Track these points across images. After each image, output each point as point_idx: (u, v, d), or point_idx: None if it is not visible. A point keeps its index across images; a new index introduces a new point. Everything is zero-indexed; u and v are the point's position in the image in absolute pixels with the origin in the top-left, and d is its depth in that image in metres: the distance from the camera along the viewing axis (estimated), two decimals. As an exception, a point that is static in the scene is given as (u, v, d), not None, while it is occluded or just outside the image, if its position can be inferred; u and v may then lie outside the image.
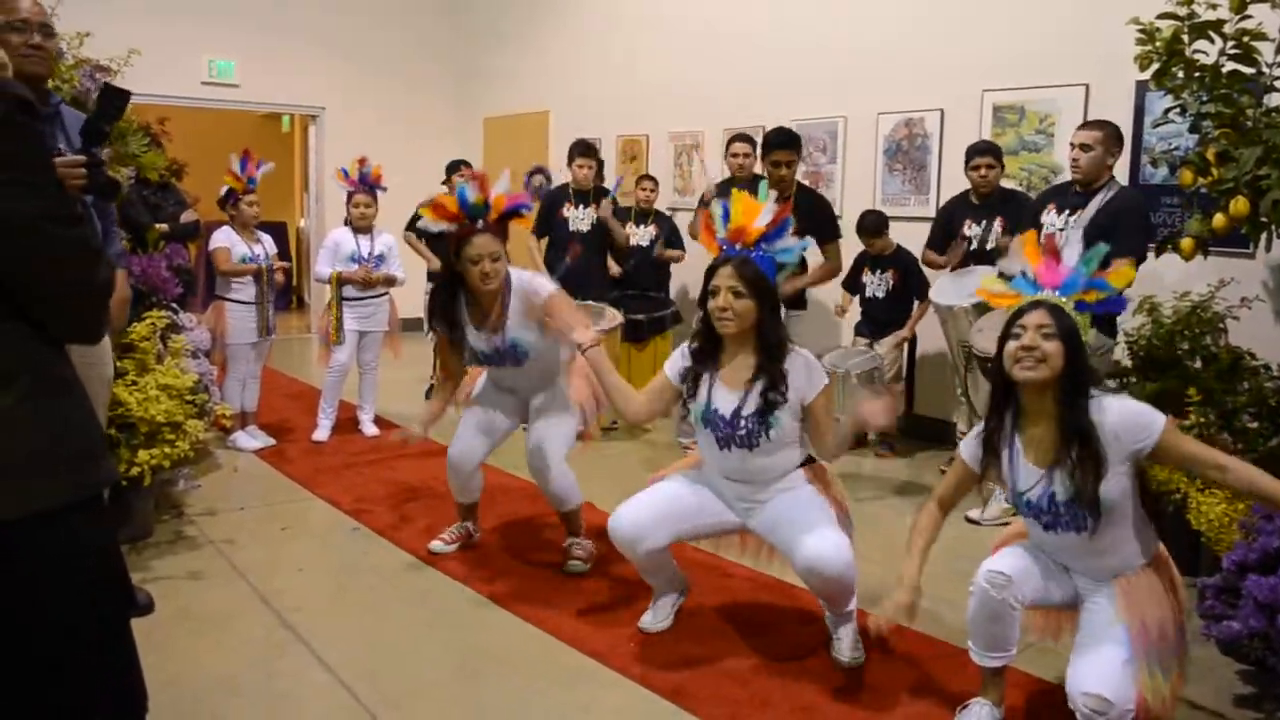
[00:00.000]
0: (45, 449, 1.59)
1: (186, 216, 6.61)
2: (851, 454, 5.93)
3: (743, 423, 3.17)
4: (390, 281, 6.16)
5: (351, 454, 5.81)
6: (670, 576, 3.55)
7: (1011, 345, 2.63)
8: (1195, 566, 3.87)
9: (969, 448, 2.86)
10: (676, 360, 3.36)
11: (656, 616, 3.53)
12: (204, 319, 5.58)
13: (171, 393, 4.03)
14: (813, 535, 3.12)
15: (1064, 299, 2.65)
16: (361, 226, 6.11)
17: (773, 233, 3.18)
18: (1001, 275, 2.86)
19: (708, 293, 3.18)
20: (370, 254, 6.08)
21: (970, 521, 4.75)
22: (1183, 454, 2.60)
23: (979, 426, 2.85)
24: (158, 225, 5.81)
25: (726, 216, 3.20)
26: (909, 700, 3.06)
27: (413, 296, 7.54)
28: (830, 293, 6.41)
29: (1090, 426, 2.58)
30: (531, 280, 3.87)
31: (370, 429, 6.27)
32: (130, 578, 1.77)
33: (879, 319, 6.09)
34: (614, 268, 6.83)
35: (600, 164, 7.23)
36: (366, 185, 6.11)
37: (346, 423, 6.28)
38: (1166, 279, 4.77)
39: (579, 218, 6.58)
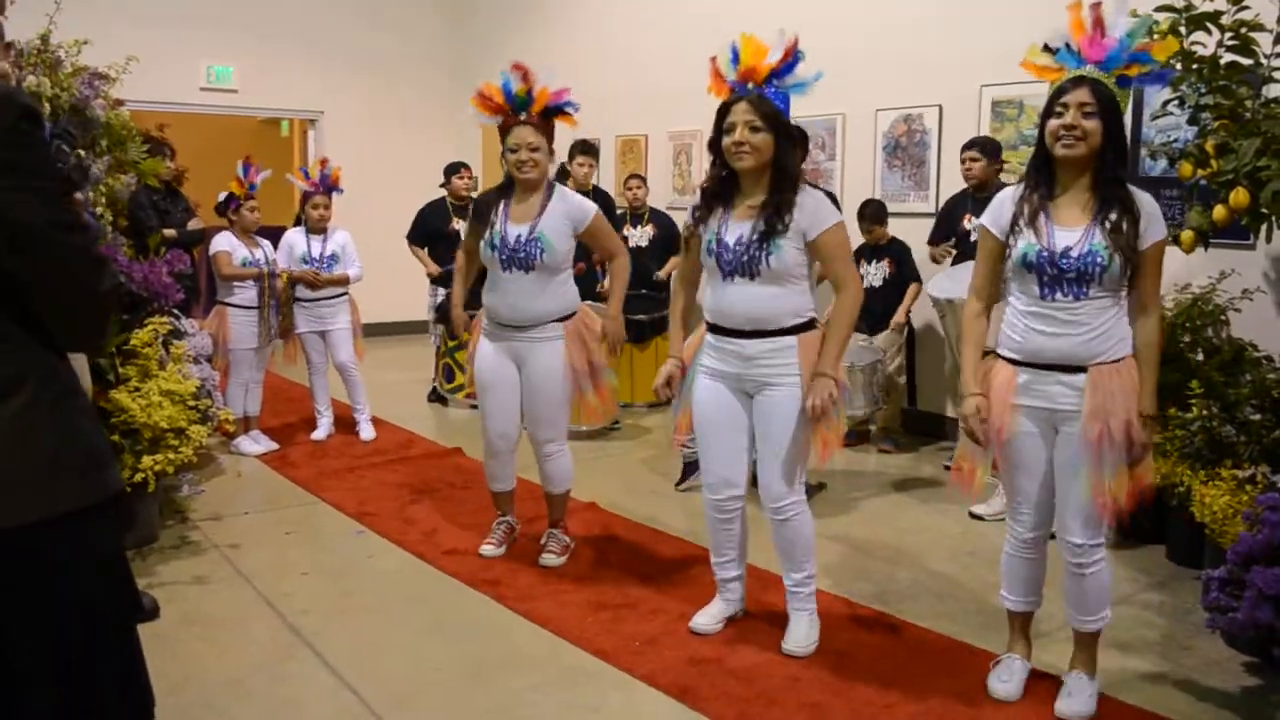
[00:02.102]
0: (54, 454, 1.60)
1: (194, 224, 6.63)
2: (855, 451, 5.93)
3: (747, 248, 3.13)
4: (343, 281, 6.12)
5: (355, 457, 5.81)
6: (742, 540, 3.48)
7: (1053, 123, 2.73)
8: (1199, 558, 3.88)
9: (994, 218, 2.90)
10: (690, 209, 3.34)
11: (711, 617, 3.50)
12: (206, 324, 5.59)
13: (174, 398, 4.03)
14: (766, 471, 3.25)
15: (1106, 75, 2.72)
16: (317, 228, 6.09)
17: (783, 68, 3.19)
18: (1046, 48, 2.87)
19: (722, 131, 3.15)
20: (322, 255, 6.05)
21: (974, 517, 4.75)
22: (1149, 269, 2.77)
23: (1004, 193, 2.92)
24: (166, 231, 5.83)
25: (735, 59, 3.20)
26: (915, 696, 3.06)
27: (390, 298, 7.55)
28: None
29: (1128, 191, 2.73)
30: (580, 198, 3.98)
31: (368, 432, 6.25)
32: (136, 583, 1.77)
33: (875, 309, 6.07)
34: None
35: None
36: (326, 187, 6.10)
37: (349, 425, 6.28)
38: (1167, 272, 4.72)
39: None
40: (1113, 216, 2.71)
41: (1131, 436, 2.75)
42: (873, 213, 6.05)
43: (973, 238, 5.44)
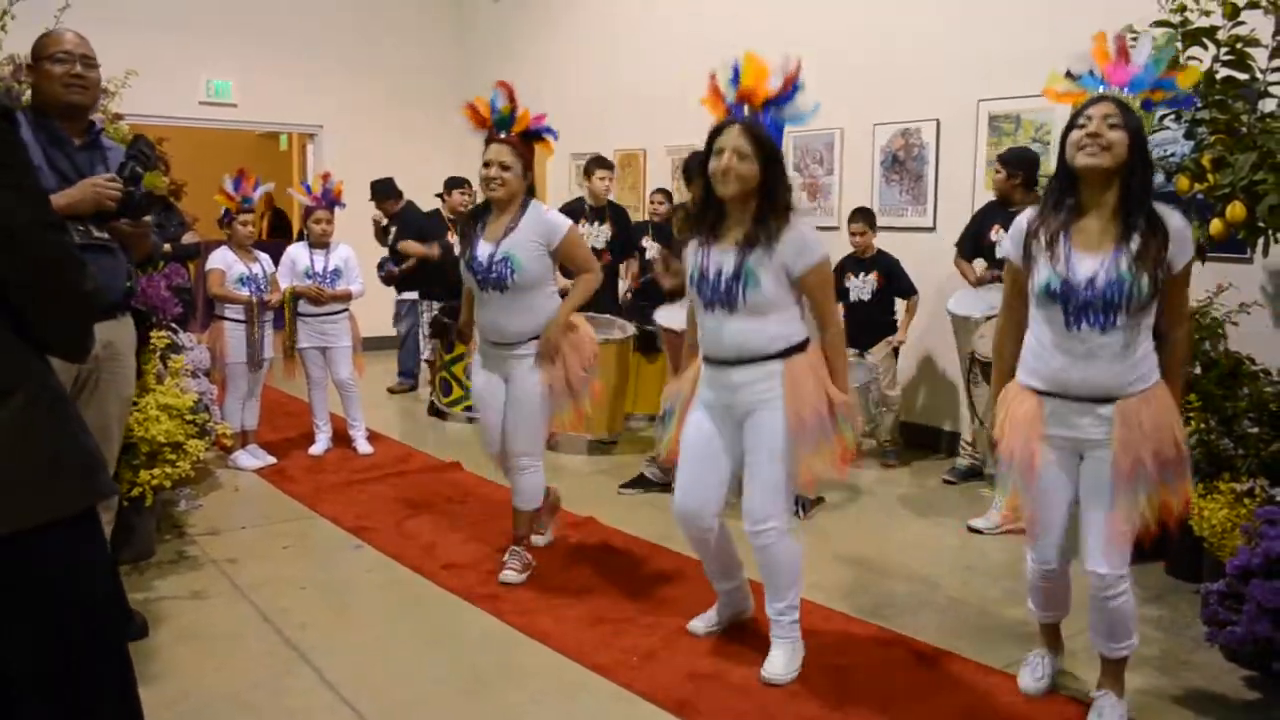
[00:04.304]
0: (45, 462, 1.59)
1: (187, 238, 6.63)
2: (851, 466, 5.90)
3: (725, 281, 3.08)
4: (346, 297, 6.14)
5: (352, 471, 5.80)
6: (723, 560, 3.49)
7: (1076, 134, 2.64)
8: (1198, 572, 3.87)
9: (1013, 245, 2.85)
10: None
11: (706, 621, 3.60)
12: (203, 339, 5.59)
13: (172, 413, 4.03)
14: (748, 493, 3.20)
15: (1131, 96, 2.66)
16: (319, 242, 6.11)
17: (783, 97, 3.13)
18: (1069, 75, 2.82)
19: (711, 153, 3.10)
20: (325, 269, 6.06)
21: (973, 530, 4.74)
22: (1178, 289, 2.73)
23: (1020, 218, 2.86)
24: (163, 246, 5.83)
25: (736, 78, 3.15)
26: (914, 710, 3.05)
27: (389, 313, 7.60)
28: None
29: (1155, 212, 2.63)
30: (552, 215, 3.97)
31: (364, 447, 6.23)
32: (126, 597, 1.77)
33: (865, 324, 6.04)
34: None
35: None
36: (328, 201, 6.12)
37: (347, 440, 6.28)
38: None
39: (593, 234, 6.62)
40: (1139, 240, 2.61)
41: (1166, 463, 2.68)
42: (865, 217, 6.06)
43: (999, 253, 5.43)
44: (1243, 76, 3.80)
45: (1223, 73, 3.80)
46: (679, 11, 8.10)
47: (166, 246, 6.05)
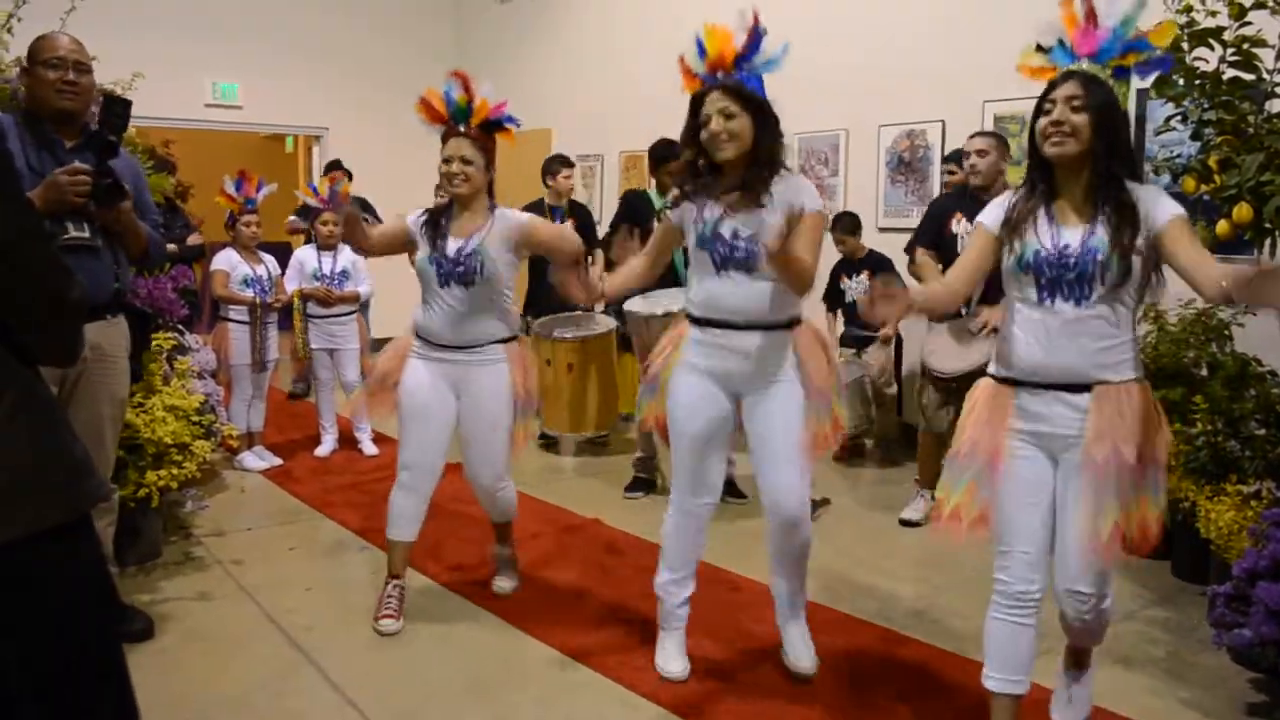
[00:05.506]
0: (35, 468, 1.58)
1: (192, 239, 6.64)
2: (849, 465, 5.92)
3: (744, 244, 3.00)
4: (354, 299, 6.16)
5: (358, 473, 5.81)
6: (694, 556, 3.34)
7: (1041, 122, 2.55)
8: (1205, 574, 3.87)
9: (991, 215, 2.70)
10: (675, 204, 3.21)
11: (683, 663, 3.31)
12: (208, 340, 5.60)
13: (178, 414, 4.04)
14: (779, 476, 3.09)
15: (1101, 67, 2.55)
16: (327, 245, 6.13)
17: (749, 50, 3.07)
18: (1039, 48, 2.71)
19: (698, 125, 3.05)
20: (333, 271, 6.09)
21: (905, 523, 4.81)
22: (1182, 243, 2.47)
23: (1004, 197, 2.74)
24: (168, 246, 5.84)
25: (702, 52, 3.10)
26: (919, 712, 3.05)
27: (402, 313, 7.51)
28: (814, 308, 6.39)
29: (1124, 188, 2.50)
30: (508, 214, 3.70)
31: (370, 449, 6.24)
32: (120, 597, 1.75)
33: (860, 323, 6.03)
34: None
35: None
36: (334, 203, 6.12)
37: (353, 441, 6.29)
38: (1171, 287, 4.70)
39: None
40: (1112, 216, 2.49)
41: (1147, 468, 2.50)
42: (845, 224, 6.03)
43: (960, 247, 5.35)
44: (1249, 77, 3.79)
45: (1229, 73, 3.80)
46: (682, 10, 8.09)
47: (174, 247, 6.08)
